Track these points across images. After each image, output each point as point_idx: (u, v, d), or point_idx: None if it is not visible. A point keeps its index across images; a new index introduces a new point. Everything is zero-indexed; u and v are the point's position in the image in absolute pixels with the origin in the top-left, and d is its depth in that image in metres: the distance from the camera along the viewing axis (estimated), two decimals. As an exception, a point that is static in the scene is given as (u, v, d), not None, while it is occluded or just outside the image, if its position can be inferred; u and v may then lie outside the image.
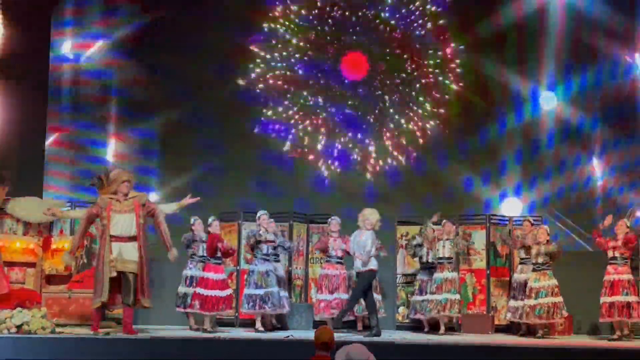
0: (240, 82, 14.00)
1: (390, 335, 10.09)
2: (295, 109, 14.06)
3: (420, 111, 13.93)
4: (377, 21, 14.19)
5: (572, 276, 10.57)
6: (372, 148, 13.90)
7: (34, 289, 10.38)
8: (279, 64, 14.15)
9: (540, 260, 10.16)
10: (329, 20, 14.16)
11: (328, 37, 14.08)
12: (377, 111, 14.01)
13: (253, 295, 10.18)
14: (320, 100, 14.05)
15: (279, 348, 8.81)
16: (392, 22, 14.22)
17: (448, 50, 13.83)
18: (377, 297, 10.57)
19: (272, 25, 14.18)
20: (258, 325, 10.26)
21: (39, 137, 13.25)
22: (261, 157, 13.78)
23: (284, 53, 14.19)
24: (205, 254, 10.36)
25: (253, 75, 14.02)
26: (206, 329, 10.03)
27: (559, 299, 10.06)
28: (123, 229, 9.30)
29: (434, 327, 10.59)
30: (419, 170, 13.71)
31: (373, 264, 10.00)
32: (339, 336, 8.73)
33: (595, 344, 9.60)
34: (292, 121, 14.04)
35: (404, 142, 13.90)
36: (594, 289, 10.31)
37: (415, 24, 14.13)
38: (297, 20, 14.18)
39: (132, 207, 9.38)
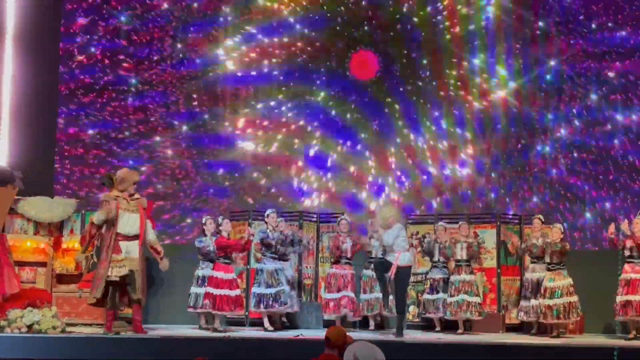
0: (230, 65, 13.62)
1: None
2: (289, 105, 13.59)
3: (433, 128, 13.38)
4: (397, 16, 13.54)
5: (583, 275, 10.69)
6: (371, 163, 13.45)
7: (45, 288, 10.68)
8: (277, 51, 13.67)
9: (554, 259, 10.28)
10: (342, 8, 13.61)
11: (338, 28, 13.55)
12: (382, 120, 13.45)
13: (263, 294, 10.42)
14: (318, 98, 13.62)
15: (289, 347, 8.99)
16: (415, 19, 13.58)
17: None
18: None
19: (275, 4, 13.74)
20: (267, 324, 10.48)
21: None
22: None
23: (285, 39, 13.69)
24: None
25: (247, 59, 13.58)
26: (216, 329, 10.26)
27: (575, 298, 10.20)
28: (130, 227, 9.64)
29: (447, 326, 10.78)
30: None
31: (408, 259, 10.01)
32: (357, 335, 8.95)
33: (609, 342, 9.68)
34: (284, 119, 13.56)
35: (410, 161, 13.41)
36: (605, 287, 10.49)
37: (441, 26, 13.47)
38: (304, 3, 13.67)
39: (137, 207, 9.78)
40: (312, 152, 13.48)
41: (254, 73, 13.58)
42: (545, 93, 13.15)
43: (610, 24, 13.01)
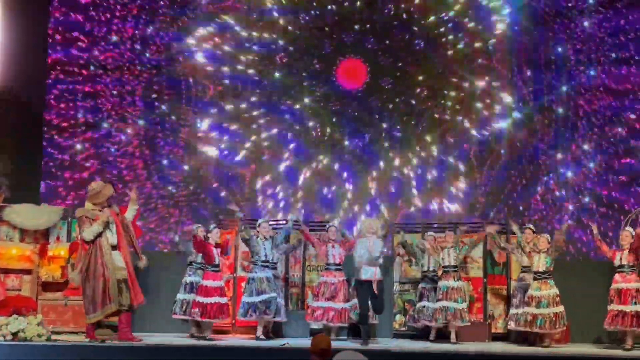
0: (200, 58, 16.11)
1: (387, 343, 13.63)
2: (262, 109, 16.04)
3: (423, 154, 16.01)
4: (395, 23, 16.04)
5: (571, 284, 13.96)
6: (348, 186, 16.10)
7: (30, 296, 14.06)
8: (255, 47, 16.15)
9: (541, 269, 13.51)
10: (333, 7, 16.12)
11: (326, 29, 16.06)
12: (365, 138, 15.94)
13: (254, 302, 13.73)
14: (296, 106, 16.11)
15: (276, 356, 12.16)
16: (415, 28, 15.88)
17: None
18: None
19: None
20: (259, 333, 13.81)
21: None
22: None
23: (266, 35, 16.26)
24: (203, 261, 14.14)
25: (220, 52, 16.11)
26: (204, 337, 13.63)
27: (560, 308, 13.34)
28: (112, 238, 13.04)
29: (439, 334, 14.18)
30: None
31: (370, 274, 13.41)
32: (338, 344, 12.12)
33: (599, 353, 12.86)
34: (255, 125, 15.92)
35: (392, 189, 15.96)
36: (593, 297, 13.93)
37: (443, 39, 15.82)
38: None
39: (112, 217, 13.10)
40: (282, 166, 16.32)
41: (226, 69, 16.36)
42: (555, 128, 15.95)
43: (637, 58, 15.74)
